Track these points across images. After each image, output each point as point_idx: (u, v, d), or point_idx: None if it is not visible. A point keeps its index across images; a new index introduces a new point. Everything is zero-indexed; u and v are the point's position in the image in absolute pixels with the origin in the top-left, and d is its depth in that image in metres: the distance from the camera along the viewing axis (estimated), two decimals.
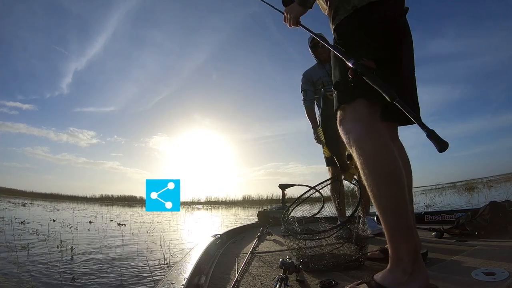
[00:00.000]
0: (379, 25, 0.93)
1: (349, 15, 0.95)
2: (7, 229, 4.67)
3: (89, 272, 2.39)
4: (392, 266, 0.78)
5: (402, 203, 0.79)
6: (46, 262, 2.66)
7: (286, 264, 1.02)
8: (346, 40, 0.96)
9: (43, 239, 3.90)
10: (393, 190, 0.79)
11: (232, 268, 1.25)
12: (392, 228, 0.79)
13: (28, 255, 2.94)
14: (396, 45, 0.98)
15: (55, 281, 2.12)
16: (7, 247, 3.19)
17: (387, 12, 0.95)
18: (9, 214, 7.39)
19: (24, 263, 2.58)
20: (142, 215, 10.12)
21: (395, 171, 0.81)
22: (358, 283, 0.83)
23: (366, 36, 0.92)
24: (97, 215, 9.44)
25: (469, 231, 1.64)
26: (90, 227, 5.74)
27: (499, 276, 0.84)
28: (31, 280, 2.10)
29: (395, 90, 0.75)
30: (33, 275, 2.22)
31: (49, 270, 2.41)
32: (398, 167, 0.81)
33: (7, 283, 2.03)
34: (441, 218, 2.45)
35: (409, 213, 0.81)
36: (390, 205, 0.79)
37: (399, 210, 0.79)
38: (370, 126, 0.86)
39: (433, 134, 0.64)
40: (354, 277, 1.00)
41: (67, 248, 3.17)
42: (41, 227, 5.28)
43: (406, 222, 0.78)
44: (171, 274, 0.94)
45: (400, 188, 0.80)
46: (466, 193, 10.66)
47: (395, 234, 0.79)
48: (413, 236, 0.80)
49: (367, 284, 0.80)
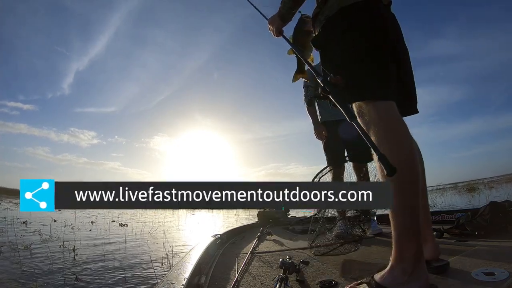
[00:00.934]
0: (371, 23, 0.90)
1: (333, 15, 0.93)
2: (9, 230, 4.67)
3: (92, 272, 2.40)
4: (393, 266, 0.78)
5: (413, 202, 0.78)
6: (49, 262, 2.68)
7: (286, 264, 1.02)
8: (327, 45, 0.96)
9: (46, 239, 3.91)
10: (406, 187, 0.78)
11: (232, 268, 1.25)
12: (399, 227, 0.78)
13: (30, 255, 2.95)
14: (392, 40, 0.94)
15: (59, 281, 2.12)
16: (10, 247, 3.21)
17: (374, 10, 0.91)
18: (11, 214, 7.39)
19: (27, 263, 2.59)
20: (144, 216, 10.15)
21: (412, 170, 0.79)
22: (358, 283, 0.83)
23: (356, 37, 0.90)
24: (99, 215, 9.45)
25: (469, 231, 1.64)
26: (92, 227, 5.75)
27: (499, 276, 0.84)
28: (35, 280, 2.10)
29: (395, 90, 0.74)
30: (36, 275, 2.22)
31: (52, 270, 2.42)
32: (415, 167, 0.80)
33: (11, 283, 2.03)
34: (441, 218, 2.45)
35: (419, 212, 0.79)
36: (399, 203, 0.78)
37: (408, 209, 0.78)
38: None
39: (383, 158, 0.64)
40: (354, 278, 1.00)
41: (69, 249, 3.18)
42: (43, 227, 5.29)
43: (414, 222, 0.77)
44: (171, 274, 0.94)
45: (414, 187, 0.78)
46: (467, 194, 10.64)
47: (402, 233, 0.78)
48: (419, 237, 0.78)
49: (367, 284, 0.80)
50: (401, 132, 0.82)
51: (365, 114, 0.84)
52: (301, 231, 2.38)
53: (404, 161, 0.78)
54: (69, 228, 5.40)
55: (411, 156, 0.80)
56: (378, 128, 0.81)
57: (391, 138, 0.80)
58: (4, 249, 3.09)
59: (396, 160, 0.66)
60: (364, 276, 0.87)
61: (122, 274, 2.32)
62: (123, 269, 2.43)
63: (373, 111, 0.83)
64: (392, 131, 0.82)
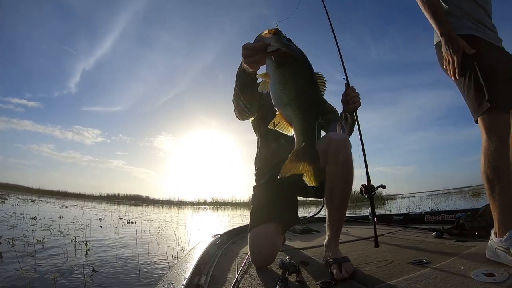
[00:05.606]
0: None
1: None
2: (20, 225, 4.74)
3: (106, 266, 2.43)
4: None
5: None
6: (64, 255, 2.72)
7: (286, 264, 1.02)
8: None
9: (57, 234, 3.95)
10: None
11: (232, 268, 1.25)
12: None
13: (43, 249, 3.00)
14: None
15: (76, 273, 2.15)
16: (23, 241, 3.26)
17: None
18: (19, 210, 7.44)
19: (42, 257, 2.64)
20: (150, 214, 10.24)
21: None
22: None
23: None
24: (106, 213, 9.52)
25: (469, 231, 1.64)
26: (100, 224, 5.79)
27: (499, 277, 0.84)
28: (52, 272, 2.13)
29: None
30: (52, 268, 2.25)
31: (67, 263, 2.46)
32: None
33: (28, 274, 2.06)
34: (441, 218, 2.44)
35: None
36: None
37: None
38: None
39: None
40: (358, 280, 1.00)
41: (81, 244, 3.22)
42: (53, 223, 5.33)
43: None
44: (171, 274, 0.94)
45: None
46: (472, 199, 10.60)
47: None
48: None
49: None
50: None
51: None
52: (301, 231, 2.38)
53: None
54: (78, 224, 5.44)
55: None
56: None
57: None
58: (17, 243, 3.13)
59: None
60: (367, 278, 0.86)
61: (137, 268, 2.35)
62: (139, 264, 2.46)
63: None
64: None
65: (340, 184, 1.19)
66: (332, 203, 1.22)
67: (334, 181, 1.19)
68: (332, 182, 1.20)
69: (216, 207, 21.94)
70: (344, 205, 1.22)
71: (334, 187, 1.19)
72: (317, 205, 8.82)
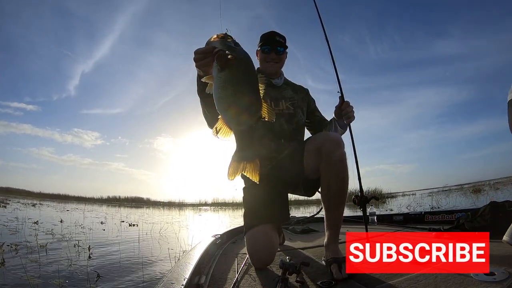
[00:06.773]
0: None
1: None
2: (22, 229, 4.74)
3: (110, 270, 2.43)
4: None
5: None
6: (68, 260, 2.72)
7: (286, 264, 1.02)
8: None
9: (60, 239, 3.95)
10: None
11: (232, 268, 1.25)
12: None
13: (47, 254, 2.99)
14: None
15: (80, 278, 2.15)
16: (26, 246, 3.24)
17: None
18: (21, 215, 7.45)
19: (45, 262, 2.63)
20: (152, 216, 10.22)
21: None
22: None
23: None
24: (107, 215, 9.51)
25: (469, 231, 1.64)
26: (103, 227, 5.79)
27: (499, 276, 0.84)
28: (56, 277, 2.12)
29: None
30: (56, 273, 2.25)
31: (71, 268, 2.46)
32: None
33: (33, 280, 2.06)
34: (441, 218, 2.44)
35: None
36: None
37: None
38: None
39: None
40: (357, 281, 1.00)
41: (84, 247, 3.22)
42: (55, 227, 5.33)
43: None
44: (171, 274, 0.94)
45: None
46: (473, 195, 10.57)
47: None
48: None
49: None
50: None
51: None
52: (301, 231, 2.38)
53: None
54: (80, 228, 5.43)
55: None
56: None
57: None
58: (20, 248, 3.13)
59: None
60: (366, 279, 0.86)
61: (140, 271, 2.36)
62: (142, 267, 2.47)
63: None
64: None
65: (336, 182, 1.19)
66: (330, 201, 1.22)
67: (330, 179, 1.20)
68: (328, 180, 1.20)
69: (217, 208, 21.92)
70: (341, 203, 1.22)
71: (331, 185, 1.20)
72: (317, 205, 8.77)
